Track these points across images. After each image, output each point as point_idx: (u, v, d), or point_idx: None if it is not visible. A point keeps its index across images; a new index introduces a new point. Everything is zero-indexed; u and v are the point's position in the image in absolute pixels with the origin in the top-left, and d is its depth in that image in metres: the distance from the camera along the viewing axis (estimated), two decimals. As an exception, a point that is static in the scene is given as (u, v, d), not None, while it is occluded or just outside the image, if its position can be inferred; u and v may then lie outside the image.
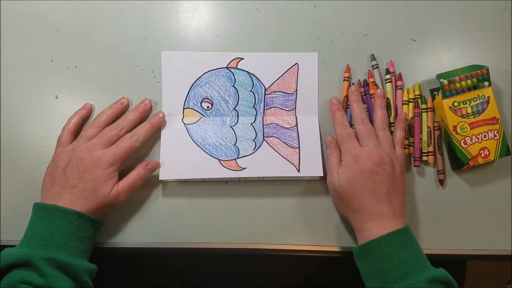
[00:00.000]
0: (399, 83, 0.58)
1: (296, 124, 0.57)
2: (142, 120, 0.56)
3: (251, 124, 0.57)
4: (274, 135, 0.57)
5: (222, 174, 0.55)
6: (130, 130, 0.55)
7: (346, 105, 0.58)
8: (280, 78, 0.58)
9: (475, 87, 0.56)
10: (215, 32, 0.59)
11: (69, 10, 0.58)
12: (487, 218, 0.58)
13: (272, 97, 0.58)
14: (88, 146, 0.52)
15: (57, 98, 0.57)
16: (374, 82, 0.58)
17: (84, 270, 0.48)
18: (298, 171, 0.55)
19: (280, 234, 0.56)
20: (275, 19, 0.60)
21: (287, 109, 0.58)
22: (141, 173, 0.54)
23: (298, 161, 0.56)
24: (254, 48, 0.59)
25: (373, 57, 0.59)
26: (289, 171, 0.55)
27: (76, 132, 0.55)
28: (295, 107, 0.58)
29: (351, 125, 0.57)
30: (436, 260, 0.56)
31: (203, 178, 0.56)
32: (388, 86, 0.58)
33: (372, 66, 0.59)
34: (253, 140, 0.56)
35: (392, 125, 0.57)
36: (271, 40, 0.59)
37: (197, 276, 0.74)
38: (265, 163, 0.56)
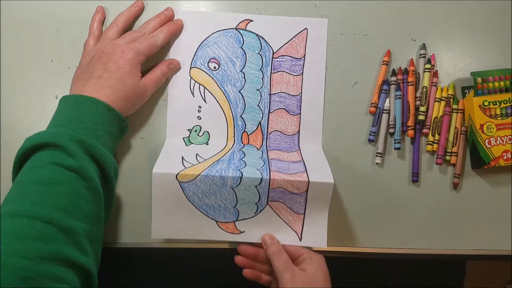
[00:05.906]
0: (434, 79, 0.59)
1: (307, 190, 0.50)
2: None
3: (256, 186, 0.50)
4: (280, 200, 0.51)
5: (218, 236, 0.52)
6: None
7: (380, 90, 0.58)
8: (289, 42, 0.58)
9: (507, 90, 0.57)
10: (215, 32, 0.59)
11: (69, 10, 0.58)
12: (487, 218, 0.58)
13: (279, 61, 0.58)
14: (111, 42, 0.52)
15: (57, 98, 0.57)
16: (414, 70, 0.58)
17: (111, 163, 0.46)
18: (300, 239, 0.52)
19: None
20: (275, 19, 0.60)
21: (294, 74, 0.58)
22: (164, 70, 0.55)
23: (301, 228, 0.52)
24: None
25: (423, 46, 0.59)
26: (290, 239, 0.52)
27: (100, 36, 0.56)
28: (302, 72, 0.58)
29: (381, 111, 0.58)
30: (436, 260, 0.56)
31: (198, 239, 0.54)
32: (426, 75, 0.58)
33: (420, 55, 0.59)
34: (256, 204, 0.51)
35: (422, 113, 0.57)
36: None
37: (196, 276, 0.74)
38: (266, 228, 0.52)
